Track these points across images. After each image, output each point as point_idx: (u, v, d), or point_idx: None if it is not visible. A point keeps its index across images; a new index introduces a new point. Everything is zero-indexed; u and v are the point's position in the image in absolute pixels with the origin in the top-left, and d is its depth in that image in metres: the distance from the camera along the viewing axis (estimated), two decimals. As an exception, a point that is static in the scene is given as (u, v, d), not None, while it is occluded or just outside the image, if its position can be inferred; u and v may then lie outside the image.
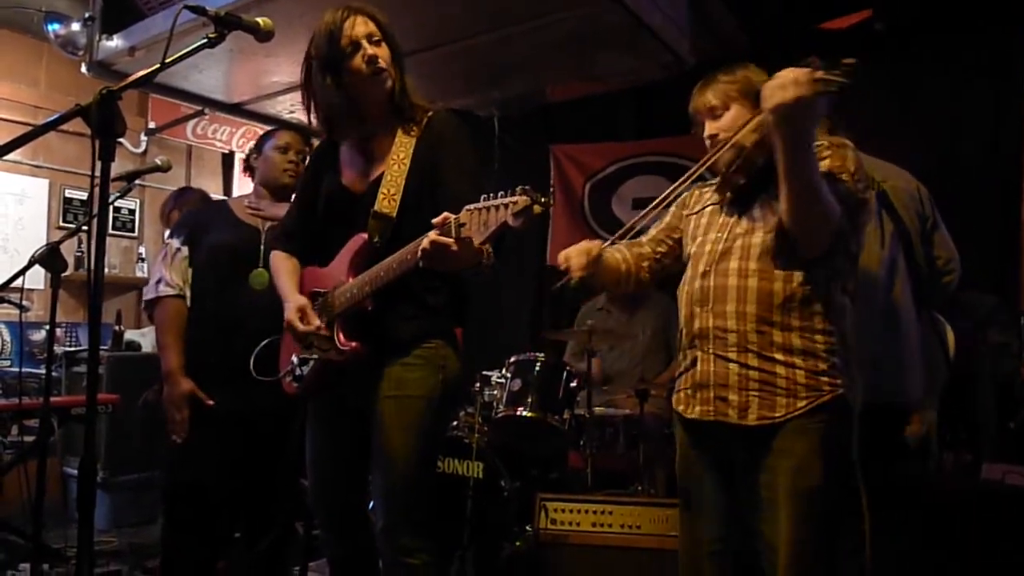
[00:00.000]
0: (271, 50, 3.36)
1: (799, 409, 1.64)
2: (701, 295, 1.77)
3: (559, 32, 3.26)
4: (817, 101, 1.47)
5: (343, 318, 1.88)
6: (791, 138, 1.53)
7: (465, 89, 4.33)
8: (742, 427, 1.68)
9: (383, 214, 1.84)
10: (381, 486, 1.86)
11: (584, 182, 5.04)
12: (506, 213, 1.47)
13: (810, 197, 1.57)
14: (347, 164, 2.01)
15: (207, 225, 2.55)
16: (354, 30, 1.84)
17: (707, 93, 1.84)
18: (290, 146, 2.59)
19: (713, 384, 1.73)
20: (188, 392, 2.39)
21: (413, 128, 1.92)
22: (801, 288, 1.67)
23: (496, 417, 3.43)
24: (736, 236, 1.76)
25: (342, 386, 1.95)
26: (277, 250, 2.09)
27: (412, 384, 1.86)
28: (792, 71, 1.48)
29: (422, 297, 1.87)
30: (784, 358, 1.66)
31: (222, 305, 2.43)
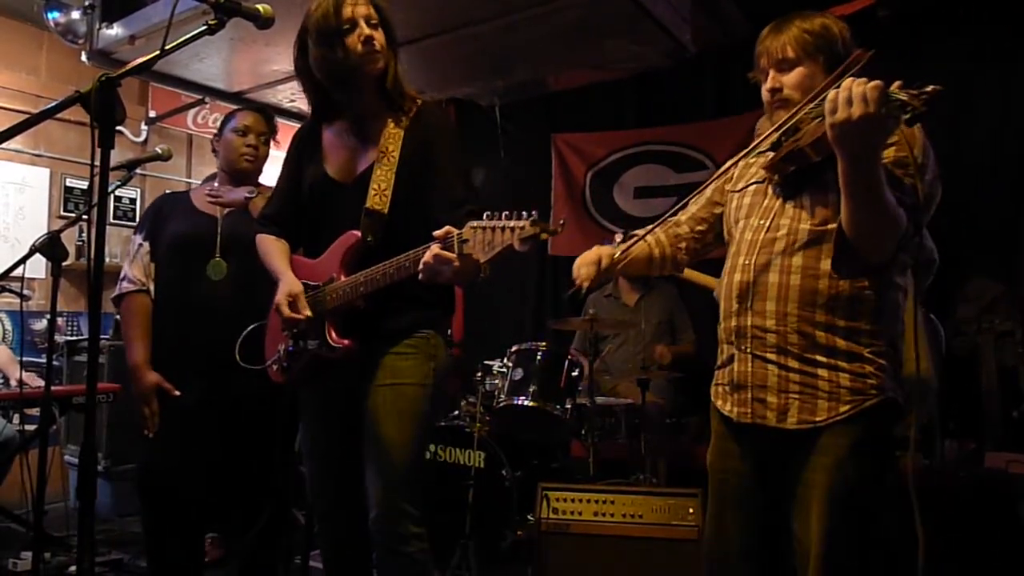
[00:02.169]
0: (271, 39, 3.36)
1: (842, 414, 1.55)
2: (740, 290, 1.66)
3: (562, 20, 3.25)
4: (885, 123, 1.32)
5: (335, 314, 1.88)
6: (854, 157, 1.39)
7: (468, 77, 4.33)
8: (781, 430, 1.60)
9: (375, 211, 1.83)
10: (376, 474, 1.85)
11: (586, 171, 5.03)
12: (512, 237, 1.49)
13: (874, 213, 1.43)
14: (332, 151, 1.98)
15: (167, 217, 2.52)
16: (355, 9, 1.84)
17: (782, 38, 1.64)
18: (249, 128, 2.52)
19: (751, 385, 1.64)
20: (154, 385, 2.38)
21: (402, 119, 1.91)
22: (849, 287, 1.55)
23: (497, 407, 3.43)
24: (780, 226, 1.63)
25: (332, 376, 1.95)
26: (263, 234, 2.06)
27: (406, 372, 1.87)
28: (861, 85, 1.33)
29: (414, 293, 1.83)
30: (827, 360, 1.56)
31: (184, 297, 2.41)
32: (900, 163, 1.51)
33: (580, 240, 5.00)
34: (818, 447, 1.56)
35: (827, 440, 1.56)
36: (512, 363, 3.52)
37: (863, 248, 1.49)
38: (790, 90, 1.64)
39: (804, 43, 1.62)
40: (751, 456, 1.69)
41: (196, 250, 2.41)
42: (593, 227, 4.98)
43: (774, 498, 1.64)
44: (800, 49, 1.62)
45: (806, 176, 1.61)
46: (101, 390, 3.41)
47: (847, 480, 1.54)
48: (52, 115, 1.43)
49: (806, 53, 1.63)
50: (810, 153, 1.53)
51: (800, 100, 1.61)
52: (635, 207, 4.80)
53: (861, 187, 1.42)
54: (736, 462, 1.71)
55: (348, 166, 1.94)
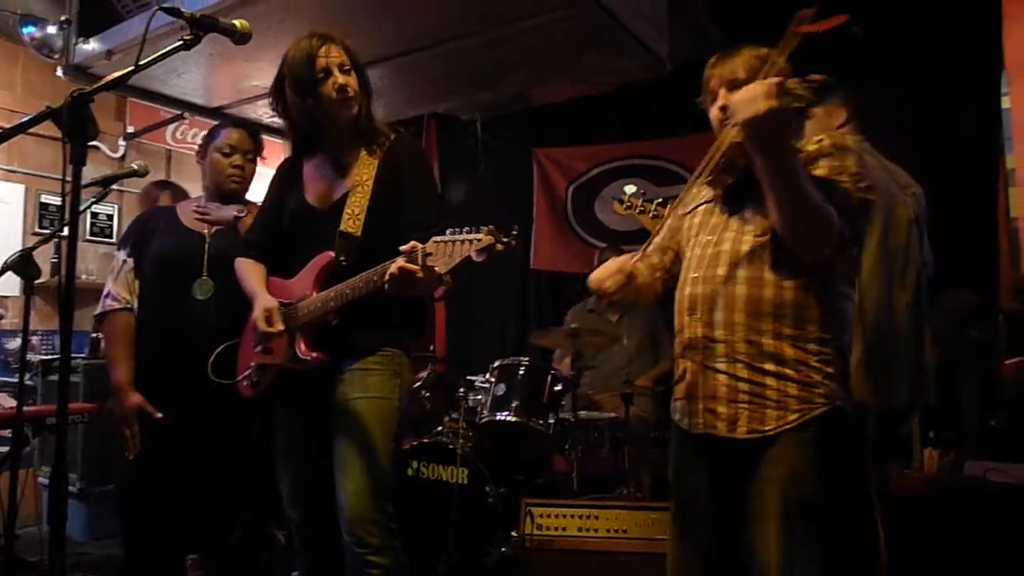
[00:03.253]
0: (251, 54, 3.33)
1: (790, 423, 1.58)
2: (690, 303, 1.72)
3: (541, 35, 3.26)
4: (787, 114, 1.42)
5: (305, 329, 1.95)
6: (766, 152, 1.48)
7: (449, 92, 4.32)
8: (732, 440, 1.62)
9: (349, 234, 1.93)
10: (346, 485, 1.89)
11: (567, 185, 5.05)
12: (470, 248, 1.59)
13: (798, 207, 1.50)
14: (311, 181, 2.08)
15: (152, 233, 2.49)
16: (329, 59, 1.95)
17: (734, 62, 1.72)
18: (235, 148, 2.50)
19: (702, 396, 1.67)
20: (136, 406, 2.34)
21: (376, 150, 2.02)
22: (794, 295, 1.60)
23: (480, 422, 3.41)
24: (725, 239, 1.70)
25: (302, 390, 2.00)
26: (242, 258, 2.16)
27: (373, 387, 1.95)
28: (760, 84, 1.44)
29: (383, 310, 1.92)
30: (775, 369, 1.60)
31: (168, 315, 2.38)
32: (836, 171, 1.59)
33: (562, 254, 5.03)
34: (770, 459, 1.58)
35: (778, 452, 1.57)
36: (495, 378, 3.50)
37: (796, 246, 1.56)
38: None
39: (753, 66, 1.68)
40: (708, 470, 1.70)
41: (182, 268, 2.38)
42: (575, 241, 4.99)
43: (733, 513, 1.65)
44: (751, 71, 1.68)
45: (746, 191, 1.67)
46: (76, 410, 3.35)
47: (802, 492, 1.55)
48: (24, 130, 1.41)
49: (756, 72, 1.67)
50: (735, 157, 1.61)
51: None
52: (616, 221, 4.81)
53: (779, 180, 1.49)
54: (694, 476, 1.73)
55: (325, 194, 2.04)
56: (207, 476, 2.37)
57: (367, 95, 2.03)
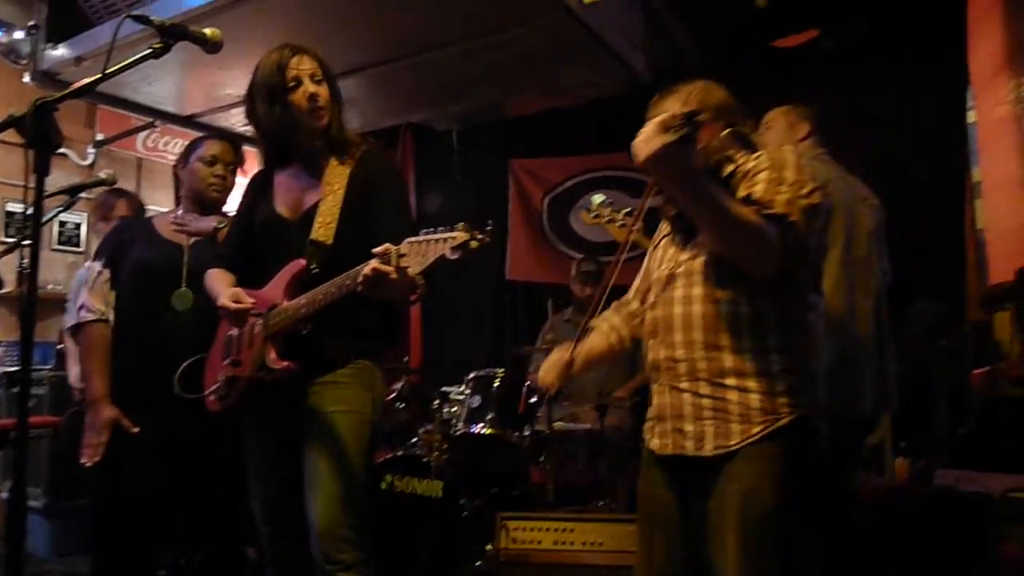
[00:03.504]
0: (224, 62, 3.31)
1: (754, 435, 1.58)
2: (651, 327, 1.75)
3: (517, 47, 3.28)
4: (680, 148, 1.44)
5: (276, 338, 1.92)
6: (674, 183, 1.54)
7: (425, 102, 4.33)
8: (701, 459, 1.62)
9: (320, 242, 1.92)
10: (315, 500, 1.87)
11: (543, 197, 5.05)
12: (444, 247, 1.58)
13: (723, 228, 1.54)
14: (282, 192, 2.08)
15: (129, 244, 2.46)
16: (300, 69, 1.96)
17: (669, 101, 1.78)
18: (217, 158, 2.49)
19: (669, 416, 1.68)
20: (112, 419, 2.30)
21: (347, 160, 2.03)
22: (750, 308, 1.61)
23: (455, 434, 3.39)
24: (681, 263, 1.72)
25: (271, 403, 1.98)
26: (212, 270, 2.13)
27: (344, 400, 1.93)
28: (649, 124, 1.48)
29: (355, 319, 1.93)
30: (736, 382, 1.60)
31: (146, 326, 2.35)
32: (774, 183, 1.60)
33: (538, 265, 5.02)
34: (730, 474, 1.58)
35: (739, 467, 1.57)
36: (470, 390, 3.48)
37: (739, 262, 1.58)
38: None
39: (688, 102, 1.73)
40: (677, 487, 1.71)
41: (161, 279, 2.35)
42: (550, 252, 4.99)
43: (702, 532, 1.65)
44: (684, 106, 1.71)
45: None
46: (39, 424, 3.27)
47: (761, 507, 1.55)
48: (-15, 138, 1.37)
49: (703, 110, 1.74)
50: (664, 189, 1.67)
51: None
52: (592, 232, 4.82)
53: (695, 205, 1.53)
54: (662, 491, 1.73)
55: (296, 204, 2.04)
56: (181, 491, 2.33)
57: (338, 105, 2.04)
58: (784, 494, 1.57)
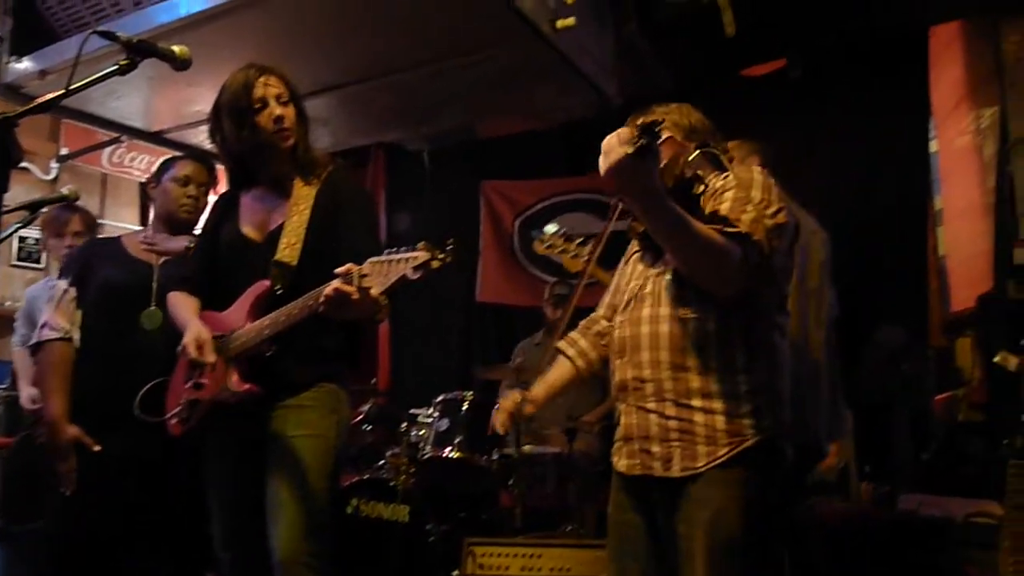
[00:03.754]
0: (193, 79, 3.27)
1: (720, 457, 1.58)
2: (618, 346, 1.74)
3: (489, 69, 3.29)
4: (640, 160, 1.43)
5: (239, 361, 1.91)
6: (636, 199, 1.52)
7: (396, 123, 4.32)
8: (668, 479, 1.63)
9: (284, 263, 1.91)
10: (277, 526, 1.84)
11: (514, 218, 5.06)
12: (406, 267, 1.59)
13: (684, 246, 1.54)
14: (247, 213, 2.07)
15: (96, 262, 2.43)
16: (266, 89, 1.96)
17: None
18: (190, 178, 2.48)
19: (637, 437, 1.68)
20: (73, 439, 2.24)
21: (313, 180, 2.02)
22: (717, 327, 1.62)
23: (423, 458, 3.36)
24: (648, 282, 1.73)
25: (234, 427, 1.95)
26: (175, 292, 2.11)
27: (308, 424, 1.90)
28: (609, 137, 1.48)
29: (319, 341, 1.93)
30: (702, 404, 1.61)
31: (113, 346, 2.32)
32: (740, 202, 1.61)
33: (508, 288, 5.02)
34: (697, 499, 1.58)
35: (706, 491, 1.58)
36: (438, 413, 3.46)
37: (700, 282, 1.60)
38: None
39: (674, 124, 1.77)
40: (645, 509, 1.71)
41: (130, 298, 2.34)
42: (521, 274, 4.99)
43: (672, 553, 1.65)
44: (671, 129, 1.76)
45: None
46: (-7, 445, 3.17)
47: (729, 532, 1.56)
48: (-57, 153, 1.34)
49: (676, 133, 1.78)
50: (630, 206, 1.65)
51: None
52: (561, 257, 4.84)
53: (656, 221, 1.52)
54: (631, 515, 1.73)
55: (261, 225, 2.03)
56: (143, 514, 2.28)
57: (304, 126, 2.04)
58: (751, 519, 1.58)
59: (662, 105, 1.83)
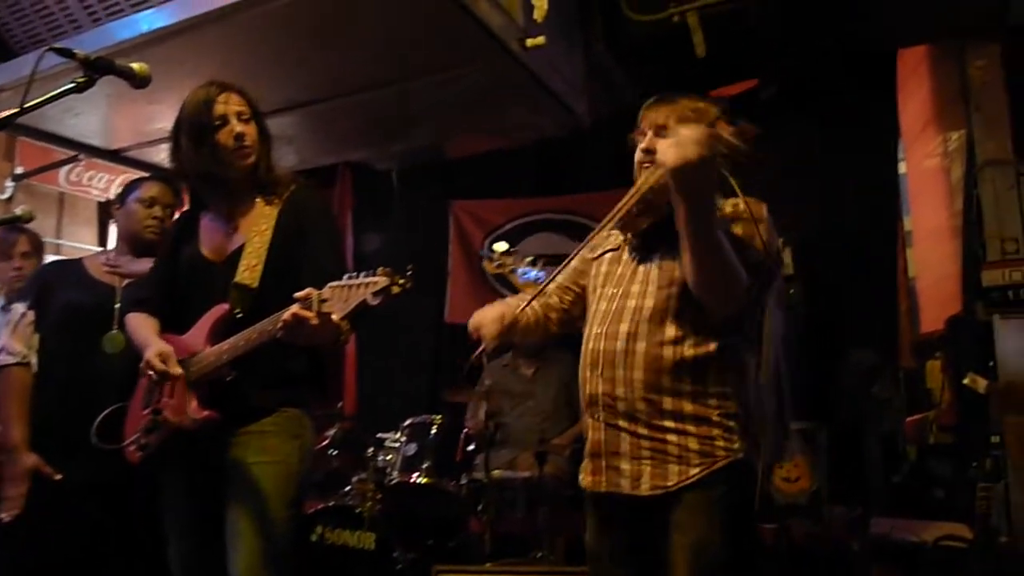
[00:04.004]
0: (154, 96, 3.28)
1: (691, 477, 1.60)
2: (592, 359, 1.74)
3: (458, 87, 3.33)
4: (714, 162, 1.45)
5: (198, 386, 1.89)
6: (689, 199, 1.50)
7: (363, 142, 4.34)
8: (636, 498, 1.64)
9: (244, 285, 1.89)
10: (240, 558, 1.81)
11: (484, 238, 5.09)
12: (366, 291, 1.60)
13: (713, 260, 1.54)
14: (207, 233, 2.06)
15: (56, 285, 2.42)
16: (227, 106, 1.96)
17: (667, 108, 1.76)
18: (156, 200, 2.48)
19: (605, 453, 1.69)
20: (32, 467, 2.23)
21: (275, 200, 2.02)
22: (695, 351, 1.64)
23: (390, 484, 3.35)
24: (631, 293, 1.73)
25: (193, 453, 1.93)
26: (133, 313, 2.10)
27: (272, 450, 1.89)
28: (690, 129, 1.47)
29: (281, 365, 1.92)
30: (675, 425, 1.63)
31: (73, 369, 2.31)
32: (747, 235, 1.65)
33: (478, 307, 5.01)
34: (678, 524, 1.60)
35: (686, 516, 1.60)
36: (406, 437, 3.46)
37: (705, 299, 1.60)
38: None
39: (685, 117, 1.72)
40: (618, 531, 1.72)
41: (91, 321, 2.33)
42: (491, 295, 5.00)
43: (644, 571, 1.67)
44: (681, 122, 1.72)
45: (657, 240, 1.71)
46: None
47: (709, 557, 1.58)
48: None
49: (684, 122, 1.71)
50: (654, 201, 1.65)
51: None
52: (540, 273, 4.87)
53: (697, 229, 1.52)
54: (604, 541, 1.74)
55: (221, 246, 2.02)
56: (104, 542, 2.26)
57: (266, 144, 2.04)
58: (731, 542, 1.60)
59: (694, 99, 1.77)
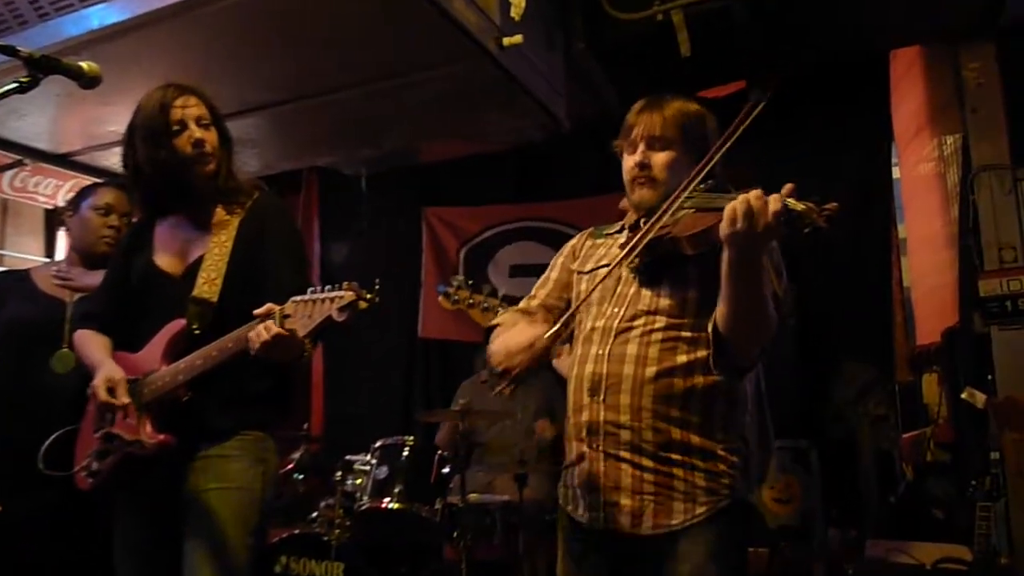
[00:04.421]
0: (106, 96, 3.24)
1: (698, 516, 1.59)
2: (593, 382, 1.68)
3: (432, 89, 3.33)
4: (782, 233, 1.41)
5: (153, 408, 1.87)
6: (746, 261, 1.46)
7: (331, 145, 4.32)
8: (636, 537, 1.62)
9: (203, 300, 1.89)
10: None
11: (459, 247, 5.09)
12: (331, 307, 1.61)
13: (756, 316, 1.52)
14: (163, 244, 2.05)
15: (3, 298, 2.41)
16: (185, 110, 1.95)
17: (662, 115, 1.73)
18: (112, 207, 2.48)
19: (603, 487, 1.64)
20: None
21: (236, 209, 2.01)
22: (704, 382, 1.63)
23: (360, 509, 3.33)
24: (638, 314, 1.68)
25: (148, 479, 1.90)
26: (82, 330, 2.07)
27: (231, 476, 1.88)
28: (761, 200, 1.40)
29: (242, 384, 1.90)
30: (682, 458, 1.61)
31: (19, 389, 2.29)
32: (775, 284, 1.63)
33: (453, 323, 5.02)
34: (676, 554, 1.59)
35: (685, 547, 1.59)
36: (376, 460, 3.44)
37: (738, 347, 1.57)
38: (658, 170, 1.73)
39: (681, 127, 1.72)
40: (608, 567, 1.69)
41: (39, 338, 2.31)
42: (467, 309, 5.00)
43: None
44: (678, 131, 1.73)
45: (667, 266, 1.68)
46: None
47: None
48: None
49: (682, 137, 1.73)
50: (684, 246, 1.60)
51: (665, 181, 1.71)
52: (511, 286, 4.87)
53: (748, 284, 1.49)
54: (588, 570, 1.72)
55: (179, 258, 2.01)
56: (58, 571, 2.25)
57: (227, 150, 2.03)
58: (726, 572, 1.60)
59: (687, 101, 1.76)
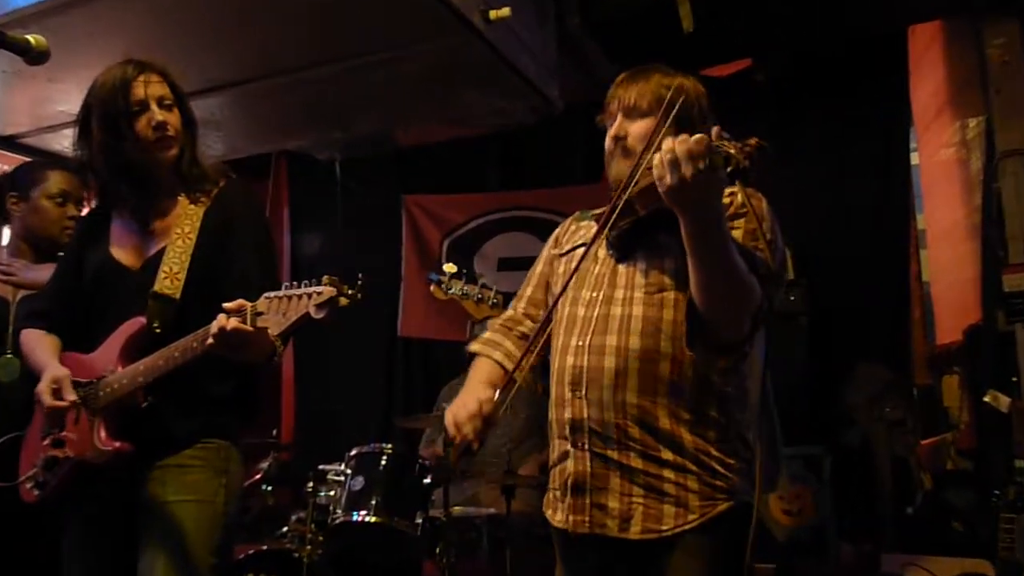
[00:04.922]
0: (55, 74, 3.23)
1: (690, 523, 1.59)
2: (572, 377, 1.68)
3: (412, 67, 3.32)
4: (713, 176, 1.37)
5: (108, 413, 1.87)
6: (695, 218, 1.45)
7: (302, 127, 4.31)
8: (624, 542, 1.61)
9: (164, 295, 1.88)
10: None
11: (442, 238, 5.08)
12: (308, 304, 1.58)
13: (723, 278, 1.49)
14: (120, 235, 2.03)
15: None
16: (146, 89, 1.93)
17: (638, 87, 1.75)
18: (68, 195, 2.46)
19: (589, 488, 1.65)
20: None
21: (201, 198, 2.01)
22: (693, 371, 1.62)
23: (333, 523, 3.31)
24: (615, 300, 1.68)
25: (102, 491, 1.90)
26: (29, 330, 2.06)
27: (193, 487, 1.88)
28: (684, 143, 1.37)
29: (205, 387, 1.90)
30: (673, 458, 1.60)
31: None
32: (751, 235, 1.62)
33: (435, 319, 5.01)
34: (668, 567, 1.59)
35: (678, 560, 1.59)
36: (352, 469, 3.42)
37: (716, 320, 1.56)
38: (634, 140, 1.73)
39: (659, 97, 1.72)
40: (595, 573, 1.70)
41: None
42: (450, 304, 4.98)
43: None
44: (654, 102, 1.72)
45: (638, 238, 1.68)
46: None
47: None
48: None
49: (659, 107, 1.70)
50: (637, 207, 1.60)
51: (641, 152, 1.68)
52: (499, 281, 4.84)
53: (708, 248, 1.48)
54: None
55: (138, 250, 2.00)
56: None
57: (191, 134, 2.02)
58: None
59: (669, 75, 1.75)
